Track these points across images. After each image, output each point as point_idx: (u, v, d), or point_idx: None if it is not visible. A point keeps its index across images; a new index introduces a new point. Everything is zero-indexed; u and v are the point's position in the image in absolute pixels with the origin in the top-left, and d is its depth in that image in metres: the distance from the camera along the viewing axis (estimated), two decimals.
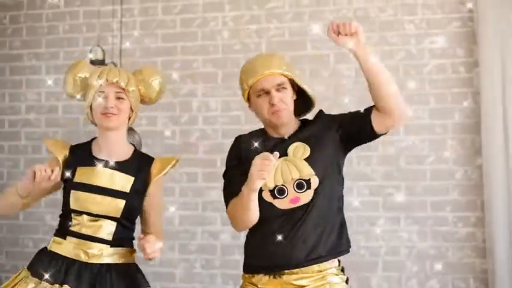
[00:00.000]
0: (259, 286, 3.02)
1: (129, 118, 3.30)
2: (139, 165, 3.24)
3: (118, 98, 3.18)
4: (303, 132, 3.15)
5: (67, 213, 3.16)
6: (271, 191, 3.02)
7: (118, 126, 3.21)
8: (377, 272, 5.50)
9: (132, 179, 3.17)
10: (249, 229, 3.16)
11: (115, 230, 3.12)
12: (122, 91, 3.18)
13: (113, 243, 3.12)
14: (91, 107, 3.23)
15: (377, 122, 3.00)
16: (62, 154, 3.25)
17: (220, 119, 5.91)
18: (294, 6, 5.90)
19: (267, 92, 3.06)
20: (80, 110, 5.99)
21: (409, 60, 5.61)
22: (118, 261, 3.12)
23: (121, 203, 3.11)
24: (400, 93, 2.95)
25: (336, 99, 5.54)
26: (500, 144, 5.22)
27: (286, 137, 3.13)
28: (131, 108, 3.26)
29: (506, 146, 5.22)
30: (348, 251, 3.11)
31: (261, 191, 3.00)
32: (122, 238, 3.17)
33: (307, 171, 2.99)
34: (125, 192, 3.13)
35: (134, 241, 3.23)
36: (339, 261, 3.10)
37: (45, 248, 3.23)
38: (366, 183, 5.59)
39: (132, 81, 3.24)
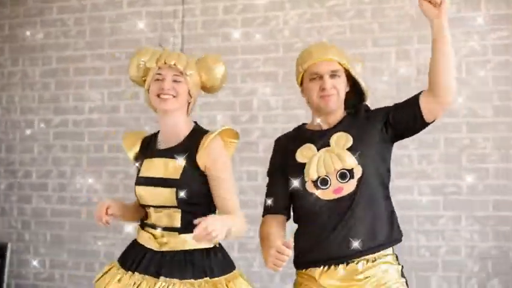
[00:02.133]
0: (317, 279, 3.15)
1: (188, 104, 3.33)
2: (189, 144, 3.21)
3: (175, 81, 3.22)
4: (346, 122, 3.28)
5: (142, 206, 3.36)
6: (314, 182, 3.15)
7: (175, 108, 3.24)
8: (437, 271, 5.63)
9: (183, 162, 3.15)
10: (298, 225, 3.34)
11: (181, 217, 3.16)
12: (179, 74, 3.22)
13: (181, 229, 3.16)
14: (149, 91, 3.30)
15: (426, 107, 3.11)
16: (132, 151, 3.47)
17: (281, 117, 6.11)
18: (355, 4, 6.07)
19: (321, 77, 3.20)
20: (141, 109, 6.33)
21: (472, 57, 5.72)
22: (192, 247, 3.15)
23: (172, 192, 3.12)
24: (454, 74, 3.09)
25: (397, 97, 5.68)
26: None
27: (327, 127, 3.27)
28: (189, 94, 3.29)
29: None
30: (400, 240, 3.23)
31: (304, 182, 3.17)
32: (193, 223, 3.06)
33: (350, 161, 3.10)
34: (175, 180, 3.13)
35: None
36: (392, 247, 3.21)
37: (135, 239, 3.38)
38: (428, 182, 5.72)
39: (191, 66, 3.27)
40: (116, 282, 3.19)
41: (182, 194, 3.11)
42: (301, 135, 3.35)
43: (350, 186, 3.12)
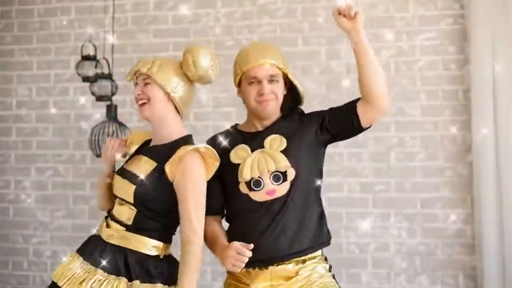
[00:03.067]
0: (244, 280, 3.15)
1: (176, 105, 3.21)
2: (169, 150, 3.07)
3: (146, 85, 3.14)
4: (281, 124, 3.28)
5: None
6: (248, 183, 3.14)
7: (151, 115, 3.17)
8: (367, 268, 5.72)
9: (154, 164, 3.09)
10: (229, 224, 3.33)
11: (135, 216, 3.08)
12: (147, 77, 3.13)
13: (130, 227, 3.10)
14: None
15: (364, 113, 3.13)
16: (133, 148, 3.39)
17: (212, 115, 6.11)
18: (286, 2, 6.11)
19: (259, 82, 3.20)
20: (71, 105, 6.26)
21: (400, 57, 5.82)
22: (134, 248, 3.08)
23: (132, 188, 3.07)
24: (385, 80, 3.12)
25: (327, 95, 5.78)
26: (490, 141, 5.41)
27: (261, 129, 3.28)
28: (168, 93, 3.14)
29: (496, 143, 5.42)
30: (329, 243, 3.25)
31: (237, 183, 3.17)
32: (144, 226, 3.10)
33: (284, 163, 3.11)
34: (139, 177, 3.06)
35: (168, 235, 3.21)
36: (321, 250, 3.24)
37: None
38: (357, 180, 5.81)
39: (156, 65, 3.13)
40: (67, 266, 3.14)
41: (139, 192, 3.06)
42: (235, 136, 3.33)
43: (282, 189, 3.13)
